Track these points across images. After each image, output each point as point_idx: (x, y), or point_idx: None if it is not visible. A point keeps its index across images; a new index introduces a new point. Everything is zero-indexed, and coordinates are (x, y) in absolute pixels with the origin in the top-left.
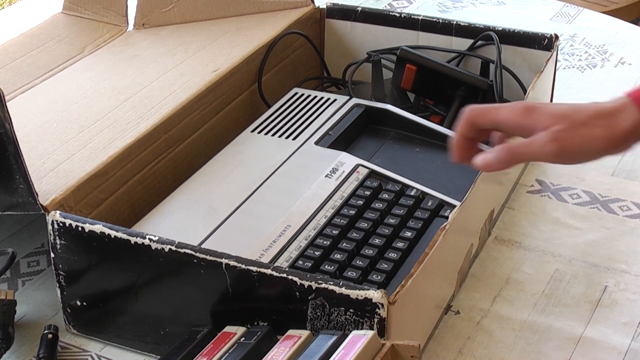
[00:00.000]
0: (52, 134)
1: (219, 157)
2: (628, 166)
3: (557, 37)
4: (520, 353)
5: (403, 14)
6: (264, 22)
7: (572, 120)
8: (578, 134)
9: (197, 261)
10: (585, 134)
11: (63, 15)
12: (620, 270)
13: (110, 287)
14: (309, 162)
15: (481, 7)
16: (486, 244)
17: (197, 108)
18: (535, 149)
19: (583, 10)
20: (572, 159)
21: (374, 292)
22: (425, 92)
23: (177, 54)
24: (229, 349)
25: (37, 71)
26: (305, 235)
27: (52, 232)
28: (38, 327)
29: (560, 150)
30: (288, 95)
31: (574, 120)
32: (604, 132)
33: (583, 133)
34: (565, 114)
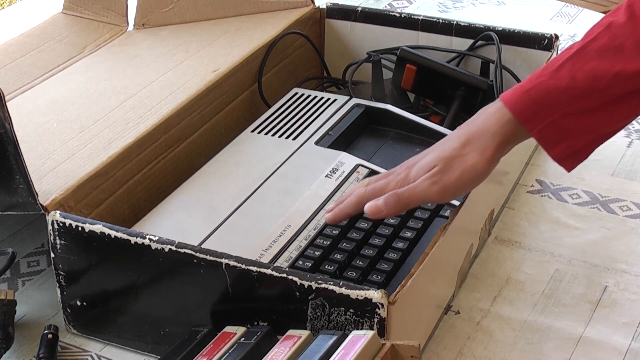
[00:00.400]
0: (52, 134)
1: (219, 157)
2: (628, 166)
3: (557, 37)
4: (520, 353)
5: (403, 14)
6: (264, 22)
7: (445, 158)
8: (454, 168)
9: (197, 261)
10: (461, 166)
11: (63, 15)
12: (620, 270)
13: (110, 287)
14: (309, 162)
15: (481, 7)
16: (486, 244)
17: (197, 108)
18: (420, 193)
19: (583, 10)
20: (458, 192)
21: (374, 292)
22: (425, 92)
23: (177, 54)
24: (229, 349)
25: (37, 71)
26: (305, 235)
27: (52, 232)
28: (38, 327)
29: (442, 190)
30: (288, 95)
31: (447, 158)
32: (478, 157)
33: (458, 166)
34: (438, 155)
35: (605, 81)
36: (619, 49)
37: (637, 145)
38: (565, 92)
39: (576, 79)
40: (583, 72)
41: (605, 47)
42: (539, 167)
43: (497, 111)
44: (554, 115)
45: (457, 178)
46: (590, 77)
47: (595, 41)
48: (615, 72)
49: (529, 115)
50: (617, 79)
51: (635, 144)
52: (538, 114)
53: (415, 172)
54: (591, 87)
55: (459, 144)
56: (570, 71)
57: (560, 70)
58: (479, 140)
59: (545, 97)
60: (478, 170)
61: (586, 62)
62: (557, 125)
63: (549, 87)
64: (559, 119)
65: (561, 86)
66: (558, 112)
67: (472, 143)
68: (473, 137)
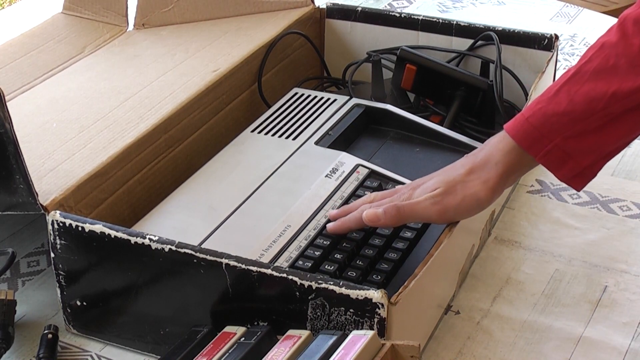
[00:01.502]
0: (52, 134)
1: (219, 157)
2: (628, 166)
3: (557, 37)
4: (520, 353)
5: (403, 14)
6: (264, 22)
7: (448, 182)
8: (456, 193)
9: (197, 261)
10: (464, 192)
11: (63, 16)
12: (620, 270)
13: (110, 287)
14: (309, 162)
15: (481, 7)
16: (486, 244)
17: (197, 108)
18: (420, 211)
19: (583, 10)
20: (457, 216)
21: (374, 292)
22: (425, 92)
23: (177, 54)
24: (229, 349)
25: (37, 71)
26: (305, 235)
27: (52, 232)
28: (38, 327)
29: (442, 210)
30: (288, 95)
31: (450, 182)
32: (481, 185)
33: (461, 192)
34: (442, 179)
35: (603, 102)
36: (613, 69)
37: (637, 145)
38: (565, 116)
39: (574, 102)
40: (580, 95)
41: (600, 68)
42: (539, 167)
43: (501, 141)
44: (555, 139)
45: (459, 203)
46: (587, 100)
47: (590, 63)
48: (611, 92)
49: (532, 141)
50: (614, 99)
51: (635, 144)
52: (540, 139)
53: (418, 193)
54: (589, 109)
55: (464, 170)
56: (567, 95)
57: (558, 94)
58: (483, 168)
59: (546, 122)
60: (480, 198)
61: (582, 85)
62: (560, 149)
63: (548, 112)
64: (561, 142)
65: (560, 110)
66: (559, 136)
67: (476, 171)
68: (477, 165)
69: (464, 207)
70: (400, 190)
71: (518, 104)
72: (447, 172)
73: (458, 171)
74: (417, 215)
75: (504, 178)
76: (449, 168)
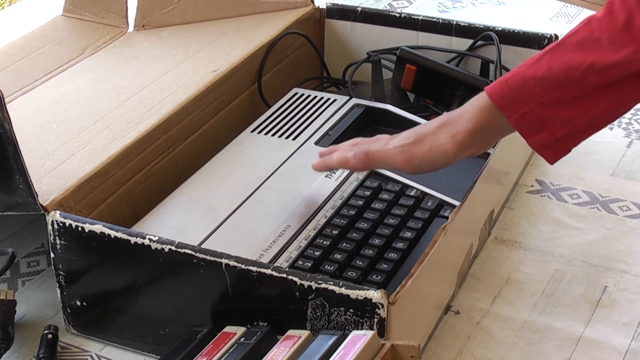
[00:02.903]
0: (52, 134)
1: (219, 157)
2: (628, 166)
3: (557, 37)
4: (520, 353)
5: (403, 14)
6: (264, 22)
7: (420, 133)
8: (424, 143)
9: (197, 261)
10: (431, 143)
11: (63, 18)
12: (620, 270)
13: (110, 287)
14: (309, 162)
15: (481, 7)
16: (486, 244)
17: (197, 108)
18: (387, 158)
19: (583, 10)
20: (422, 166)
21: (374, 292)
22: (425, 92)
23: (177, 55)
24: (228, 349)
25: (37, 73)
26: (305, 235)
27: (52, 232)
28: (38, 327)
29: (407, 159)
30: (288, 95)
31: (422, 133)
32: (448, 138)
33: (429, 143)
34: (415, 130)
35: (580, 72)
36: (596, 42)
37: (637, 145)
38: (542, 81)
39: (552, 69)
40: (559, 62)
41: (583, 40)
42: (538, 167)
43: (477, 99)
44: (531, 103)
45: (425, 153)
46: (565, 67)
47: (575, 35)
48: (588, 63)
49: (507, 102)
50: (591, 70)
51: (635, 144)
52: (515, 101)
53: (393, 142)
54: (566, 77)
55: (437, 124)
56: (548, 62)
57: (539, 61)
58: (455, 123)
59: (523, 85)
60: (446, 150)
61: (564, 54)
62: (535, 114)
63: (527, 75)
64: (536, 108)
65: (538, 75)
66: (535, 101)
67: (448, 125)
68: (450, 120)
69: (429, 157)
70: (380, 137)
71: None
72: (423, 125)
73: (431, 125)
74: (384, 161)
75: (473, 134)
76: (423, 124)
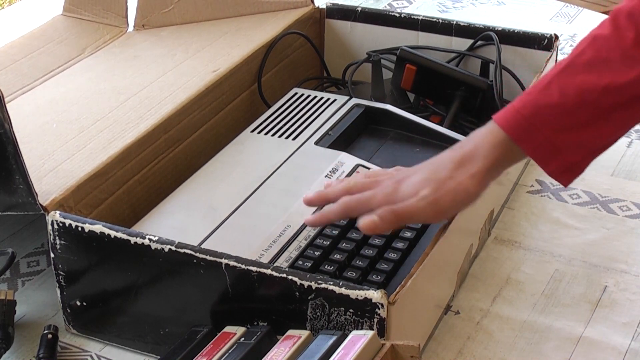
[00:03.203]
0: (52, 134)
1: (219, 157)
2: (628, 166)
3: (557, 37)
4: (520, 353)
5: (403, 14)
6: (264, 22)
7: (437, 179)
8: (448, 191)
9: (197, 261)
10: (454, 189)
11: (63, 17)
12: (620, 270)
13: (110, 287)
14: (309, 162)
15: (481, 7)
16: (486, 244)
17: (197, 108)
18: (417, 212)
19: (583, 10)
20: (453, 212)
21: (374, 292)
22: (425, 92)
23: (177, 55)
24: (228, 349)
25: (37, 72)
26: (305, 235)
27: (52, 232)
28: (38, 327)
29: (438, 211)
30: (288, 95)
31: (439, 178)
32: (469, 179)
33: (452, 189)
34: (430, 175)
35: (595, 95)
36: (606, 62)
37: (637, 145)
38: (556, 108)
39: (566, 94)
40: (572, 87)
41: (592, 60)
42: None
43: (490, 132)
44: (546, 132)
45: (451, 200)
46: (579, 92)
47: (582, 55)
48: (603, 85)
49: (522, 133)
50: (606, 92)
51: (635, 144)
52: (531, 131)
53: (405, 189)
54: (581, 102)
55: (452, 165)
56: (559, 87)
57: (549, 86)
58: (471, 161)
59: (537, 114)
60: (469, 192)
61: (575, 77)
62: (550, 142)
63: (540, 103)
64: (552, 135)
65: (552, 102)
66: (550, 128)
67: (465, 165)
68: (465, 158)
69: (456, 203)
70: (382, 182)
71: None
72: (434, 166)
73: (446, 166)
74: (414, 217)
75: (491, 171)
76: (435, 162)
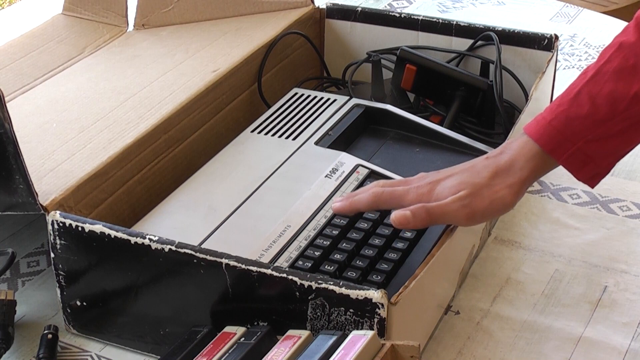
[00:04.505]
0: (52, 134)
1: (219, 157)
2: (628, 166)
3: (557, 38)
4: (520, 353)
5: (403, 14)
6: (264, 22)
7: (474, 185)
8: (483, 196)
9: (197, 261)
10: (490, 196)
11: (63, 16)
12: (620, 270)
13: (110, 287)
14: (309, 162)
15: (481, 7)
16: (486, 244)
17: (197, 108)
18: (450, 213)
19: (583, 10)
20: (484, 219)
21: (374, 292)
22: (425, 92)
23: (177, 54)
24: (228, 349)
25: (37, 72)
26: (305, 236)
27: (52, 232)
28: (38, 327)
29: (471, 214)
30: (288, 96)
31: (476, 185)
32: (507, 190)
33: (488, 195)
34: (467, 180)
35: (625, 103)
36: (634, 69)
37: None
38: (588, 119)
39: (596, 105)
40: (602, 96)
41: (620, 68)
42: None
43: (524, 145)
44: (578, 142)
45: (486, 206)
46: (609, 101)
47: (609, 63)
48: (634, 92)
49: (555, 145)
50: (636, 100)
51: None
52: (564, 143)
53: (440, 190)
54: (612, 111)
55: (489, 174)
56: (589, 97)
57: (579, 96)
58: (508, 173)
59: (568, 125)
60: (506, 202)
61: (603, 86)
62: (582, 152)
63: (571, 115)
64: (584, 146)
65: (583, 113)
66: (582, 139)
67: (501, 175)
68: (502, 169)
69: (490, 210)
70: (414, 182)
71: (518, 104)
72: (470, 172)
73: (482, 174)
74: (446, 217)
75: (528, 181)
76: (470, 169)
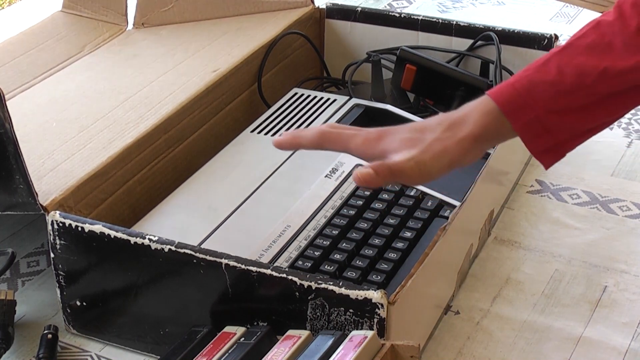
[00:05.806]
0: (52, 133)
1: (219, 157)
2: (628, 166)
3: (556, 37)
4: (520, 353)
5: (403, 14)
6: (264, 22)
7: (423, 140)
8: (433, 152)
9: (197, 261)
10: (440, 150)
11: (62, 14)
12: (620, 270)
13: (110, 287)
14: (309, 162)
15: (481, 7)
16: (486, 244)
17: (197, 108)
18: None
19: (583, 10)
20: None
21: (374, 292)
22: (425, 92)
23: (177, 54)
24: (228, 349)
25: (36, 70)
26: (305, 236)
27: (52, 232)
28: (38, 327)
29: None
30: (288, 96)
31: (425, 140)
32: (455, 143)
33: (437, 150)
34: (416, 135)
35: (593, 77)
36: (608, 47)
37: (637, 145)
38: (552, 87)
39: (563, 73)
40: (571, 66)
41: (594, 43)
42: (538, 167)
43: (481, 102)
44: (538, 110)
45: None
46: (577, 72)
47: (584, 38)
48: (602, 68)
49: (514, 107)
50: (605, 76)
51: (635, 144)
52: (523, 107)
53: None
54: (578, 83)
55: (441, 128)
56: (557, 65)
57: (547, 64)
58: (459, 126)
59: (531, 90)
60: (453, 155)
61: (574, 57)
62: (540, 122)
63: (535, 79)
64: (543, 115)
65: (548, 79)
66: (542, 108)
67: (452, 129)
68: (454, 123)
69: (441, 165)
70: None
71: None
72: (421, 128)
73: (433, 129)
74: (404, 177)
75: (477, 138)
76: (421, 124)
